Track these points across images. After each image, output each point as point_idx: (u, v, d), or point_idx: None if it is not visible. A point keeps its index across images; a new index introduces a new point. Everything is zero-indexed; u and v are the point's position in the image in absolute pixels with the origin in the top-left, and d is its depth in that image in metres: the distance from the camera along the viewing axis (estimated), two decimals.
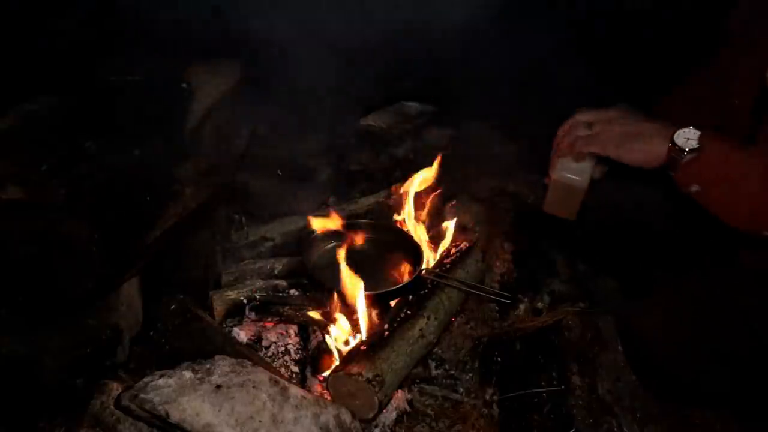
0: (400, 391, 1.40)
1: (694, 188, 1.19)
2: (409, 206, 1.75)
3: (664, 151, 1.19)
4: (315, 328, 1.52)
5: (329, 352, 1.44)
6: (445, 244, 1.72)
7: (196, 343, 1.38)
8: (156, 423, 1.11)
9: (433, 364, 1.53)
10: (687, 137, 1.17)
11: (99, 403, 1.21)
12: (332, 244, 1.70)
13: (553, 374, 1.51)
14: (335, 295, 1.46)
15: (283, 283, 1.60)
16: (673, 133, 1.18)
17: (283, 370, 1.43)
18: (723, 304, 1.30)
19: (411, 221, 1.75)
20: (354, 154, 2.46)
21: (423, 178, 1.76)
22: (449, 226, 1.75)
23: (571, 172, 1.35)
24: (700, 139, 1.16)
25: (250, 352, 1.40)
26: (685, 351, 1.32)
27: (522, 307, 1.71)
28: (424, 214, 1.78)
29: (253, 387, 1.13)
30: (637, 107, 1.38)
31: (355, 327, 1.45)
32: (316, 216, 1.65)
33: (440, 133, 2.56)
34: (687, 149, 1.16)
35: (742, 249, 1.37)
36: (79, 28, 1.86)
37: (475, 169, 2.37)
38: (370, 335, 1.39)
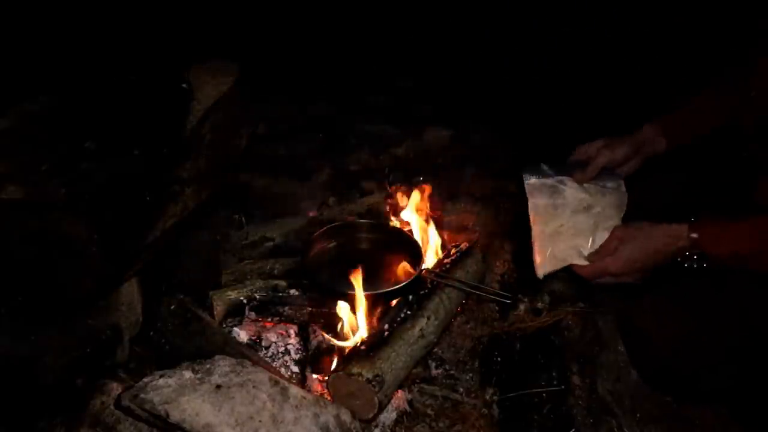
0: (400, 391, 1.40)
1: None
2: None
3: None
4: (315, 328, 1.52)
5: (329, 352, 1.44)
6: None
7: (196, 343, 1.38)
8: (156, 423, 1.11)
9: (433, 364, 1.53)
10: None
11: (99, 403, 1.21)
12: (332, 244, 1.70)
13: (553, 374, 1.50)
14: (336, 296, 1.46)
15: (283, 283, 1.60)
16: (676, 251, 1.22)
17: (283, 370, 1.43)
18: (724, 301, 1.30)
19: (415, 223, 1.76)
20: (354, 154, 2.46)
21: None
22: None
23: None
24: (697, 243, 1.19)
25: (250, 352, 1.40)
26: (687, 347, 1.32)
27: (522, 307, 1.71)
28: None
29: (253, 387, 1.13)
30: (618, 134, 1.40)
31: (355, 327, 1.45)
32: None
33: (440, 133, 2.57)
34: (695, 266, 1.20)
35: None
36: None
37: (475, 169, 2.37)
38: (370, 335, 1.39)
